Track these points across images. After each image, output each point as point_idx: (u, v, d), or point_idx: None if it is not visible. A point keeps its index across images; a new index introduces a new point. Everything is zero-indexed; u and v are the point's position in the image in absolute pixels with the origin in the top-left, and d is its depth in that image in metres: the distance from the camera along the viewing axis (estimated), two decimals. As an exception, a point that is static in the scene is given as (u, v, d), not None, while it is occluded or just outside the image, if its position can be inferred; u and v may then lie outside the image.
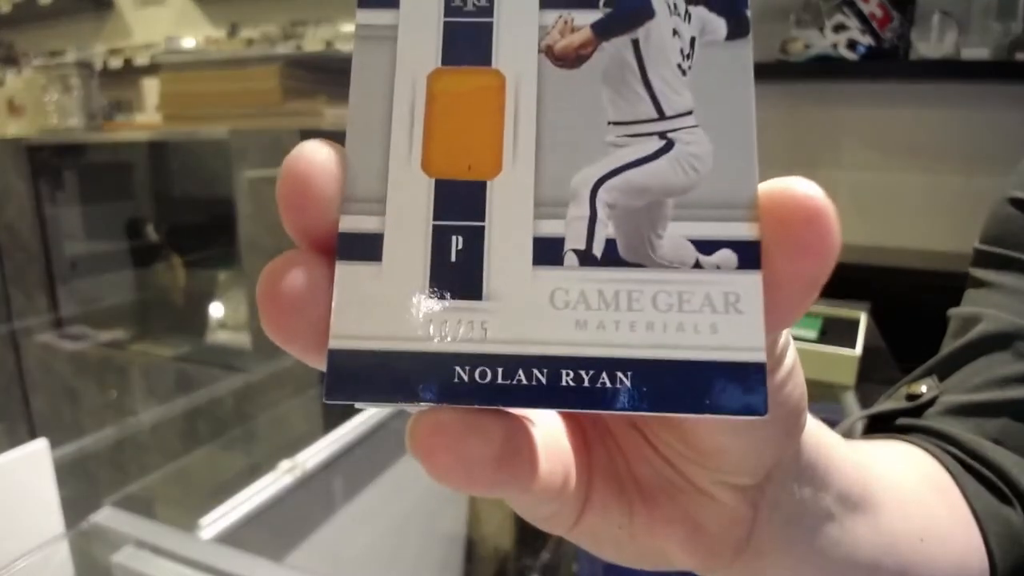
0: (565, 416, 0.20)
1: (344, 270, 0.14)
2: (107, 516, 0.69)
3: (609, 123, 0.15)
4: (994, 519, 0.34)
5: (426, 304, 0.14)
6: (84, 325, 1.80)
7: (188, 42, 2.17)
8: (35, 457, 0.59)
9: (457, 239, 0.15)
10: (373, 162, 0.15)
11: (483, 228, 0.15)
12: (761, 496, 0.21)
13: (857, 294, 1.31)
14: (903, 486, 0.31)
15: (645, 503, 0.21)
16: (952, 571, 0.31)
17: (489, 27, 0.15)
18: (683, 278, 0.14)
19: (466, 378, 0.14)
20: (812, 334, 1.09)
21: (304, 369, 1.34)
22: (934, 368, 0.43)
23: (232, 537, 0.75)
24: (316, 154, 0.15)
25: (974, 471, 0.36)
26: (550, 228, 0.15)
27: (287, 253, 0.15)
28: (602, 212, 0.15)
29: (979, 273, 0.45)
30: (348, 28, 2.19)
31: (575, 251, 0.15)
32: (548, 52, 0.15)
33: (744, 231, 0.15)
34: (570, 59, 0.15)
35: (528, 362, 0.14)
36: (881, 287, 1.42)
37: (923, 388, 0.42)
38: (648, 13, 0.16)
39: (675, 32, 0.16)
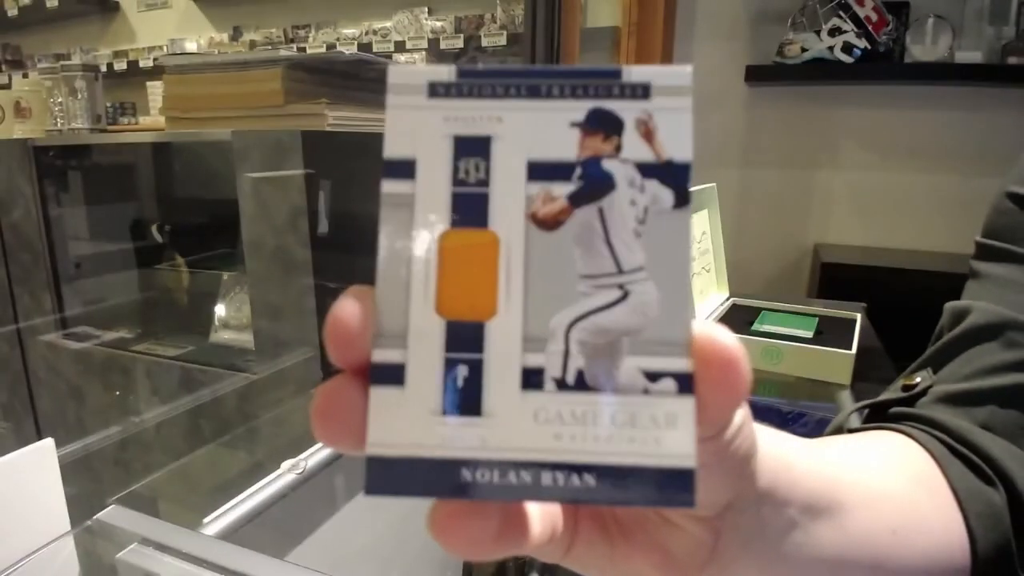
0: None
1: (376, 393, 0.18)
2: (112, 514, 0.69)
3: (580, 276, 0.19)
4: (976, 499, 0.35)
5: (439, 420, 0.18)
6: (88, 325, 1.81)
7: (191, 45, 2.18)
8: (41, 456, 0.60)
9: (463, 368, 0.18)
10: (397, 306, 0.19)
11: (482, 359, 0.19)
12: (721, 522, 0.25)
13: (853, 294, 1.32)
14: (875, 482, 0.33)
15: (623, 536, 0.25)
16: (929, 555, 0.32)
17: (486, 196, 0.19)
18: (635, 401, 0.18)
19: (470, 478, 0.18)
20: (808, 334, 1.09)
21: (306, 370, 1.35)
22: (928, 361, 0.45)
23: (235, 534, 0.75)
24: (354, 304, 0.19)
25: (959, 455, 0.37)
26: (534, 360, 0.19)
27: (336, 378, 0.19)
28: (574, 347, 0.19)
29: (978, 265, 0.47)
30: (349, 31, 2.20)
31: (553, 378, 0.18)
32: (532, 217, 0.19)
33: (681, 365, 0.18)
34: (549, 223, 0.19)
35: (517, 465, 0.18)
36: (877, 287, 1.42)
37: (917, 379, 0.44)
38: (611, 186, 0.19)
39: (632, 202, 0.19)
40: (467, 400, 0.18)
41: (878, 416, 0.44)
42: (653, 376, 0.18)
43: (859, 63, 1.57)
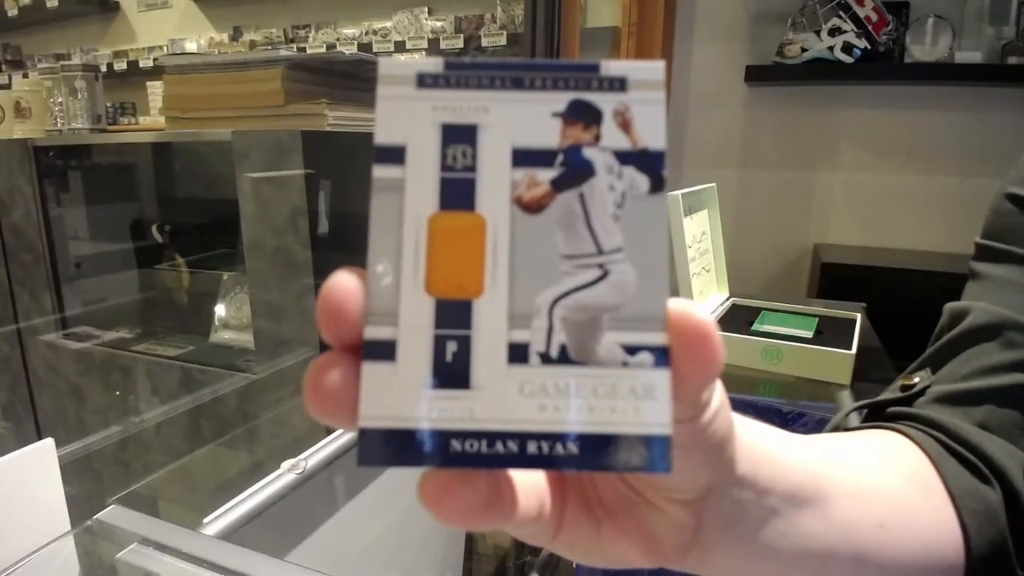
0: None
1: (368, 368, 0.19)
2: (112, 514, 0.69)
3: (562, 256, 0.20)
4: (971, 497, 0.35)
5: (429, 393, 0.19)
6: (88, 325, 1.81)
7: (191, 45, 2.18)
8: (41, 456, 0.60)
9: (451, 344, 0.19)
10: (389, 285, 0.19)
11: (470, 335, 0.19)
12: (703, 506, 0.26)
13: (852, 294, 1.32)
14: (866, 477, 0.33)
15: (609, 519, 0.26)
16: (919, 551, 0.33)
17: (473, 181, 0.20)
18: (615, 373, 0.19)
19: (459, 448, 0.19)
20: (808, 334, 1.09)
21: (306, 370, 1.35)
22: (926, 361, 0.45)
23: (235, 534, 0.75)
24: (345, 283, 0.19)
25: (955, 453, 0.37)
26: (520, 336, 0.20)
27: (327, 354, 0.20)
28: (557, 324, 0.20)
29: (977, 266, 0.47)
30: (349, 31, 2.20)
31: (538, 353, 0.20)
32: (517, 201, 0.20)
33: (658, 339, 0.19)
34: (533, 207, 0.20)
35: (504, 436, 0.19)
36: (876, 287, 1.43)
37: (916, 380, 0.44)
38: (591, 172, 0.20)
39: (611, 187, 0.20)
40: (456, 374, 0.19)
41: (876, 416, 0.44)
42: (631, 350, 0.19)
43: (859, 63, 1.57)
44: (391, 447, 0.19)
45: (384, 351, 0.19)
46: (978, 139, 1.63)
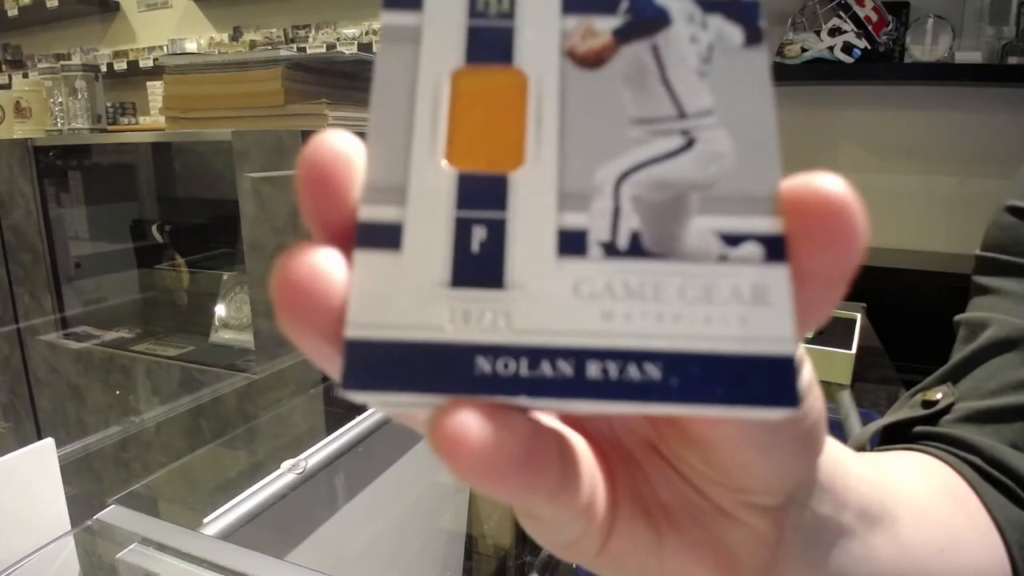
0: (588, 438, 0.20)
1: (363, 258, 0.14)
2: (113, 514, 0.69)
3: (632, 120, 0.15)
4: (1016, 528, 0.33)
5: (447, 293, 0.14)
6: (89, 325, 1.81)
7: (191, 45, 2.18)
8: (41, 456, 0.60)
9: (480, 229, 0.14)
10: (395, 154, 0.15)
11: (505, 219, 0.15)
12: (785, 516, 0.20)
13: (852, 294, 1.31)
14: (920, 499, 0.31)
15: (672, 528, 0.20)
16: None
17: (511, 30, 0.16)
18: (710, 270, 0.14)
19: (488, 369, 0.14)
20: (808, 334, 1.09)
21: (306, 370, 1.35)
22: (947, 375, 0.43)
23: (235, 534, 0.75)
24: (336, 143, 0.15)
25: (993, 479, 0.35)
26: (574, 220, 0.15)
27: (304, 243, 0.14)
28: (626, 205, 0.15)
29: (983, 280, 0.45)
30: (350, 31, 2.20)
31: (600, 242, 0.15)
32: (570, 54, 0.16)
33: (768, 225, 0.15)
34: (591, 61, 0.16)
35: (553, 353, 0.14)
36: (876, 287, 1.42)
37: (938, 395, 0.42)
38: (666, 20, 0.16)
39: (693, 39, 0.16)
40: (485, 269, 0.14)
41: (899, 434, 0.42)
42: (732, 239, 0.14)
43: (859, 63, 1.57)
44: (391, 366, 0.14)
45: (386, 236, 0.14)
46: (978, 139, 1.63)
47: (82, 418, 1.73)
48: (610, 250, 0.14)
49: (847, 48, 1.53)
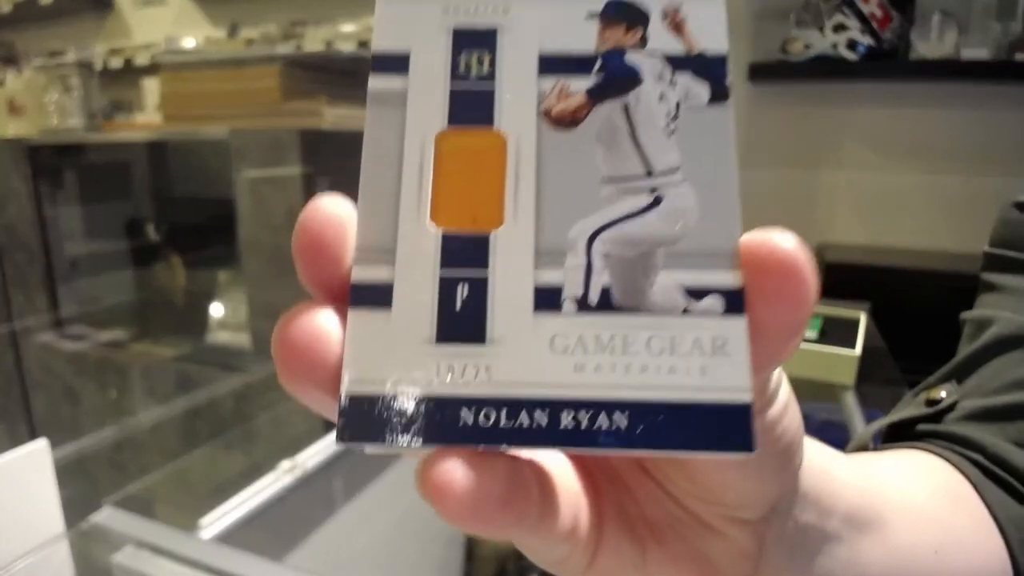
0: (574, 460, 0.21)
1: (356, 317, 0.15)
2: (107, 516, 0.69)
3: (603, 179, 0.16)
4: (1018, 527, 0.33)
5: (433, 350, 0.15)
6: (84, 325, 1.80)
7: (188, 42, 2.17)
8: (35, 457, 0.59)
9: (463, 287, 0.15)
10: (384, 215, 0.16)
11: (486, 277, 0.16)
12: (767, 528, 0.21)
13: (857, 294, 1.31)
14: (916, 500, 0.31)
15: (657, 542, 0.21)
16: None
17: (491, 93, 0.17)
18: (674, 323, 0.15)
19: (471, 420, 0.15)
20: (812, 334, 1.09)
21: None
22: (951, 373, 0.43)
23: (232, 537, 0.75)
24: (328, 209, 0.16)
25: (996, 477, 0.35)
26: (549, 277, 0.16)
27: (302, 303, 0.15)
28: (598, 261, 0.16)
29: (990, 277, 0.45)
30: (348, 28, 2.19)
31: (573, 298, 0.15)
32: (546, 115, 0.17)
33: (728, 279, 0.15)
34: (566, 121, 0.17)
35: (529, 404, 0.15)
36: (881, 287, 1.42)
37: (942, 393, 0.41)
38: (636, 80, 0.17)
39: (661, 97, 0.17)
40: (468, 325, 0.15)
41: (903, 432, 0.42)
42: (695, 293, 0.15)
43: (864, 60, 1.56)
44: (383, 419, 0.15)
45: (377, 296, 0.15)
46: (985, 137, 1.63)
47: (76, 418, 1.72)
48: (582, 305, 0.15)
49: (851, 45, 1.52)
